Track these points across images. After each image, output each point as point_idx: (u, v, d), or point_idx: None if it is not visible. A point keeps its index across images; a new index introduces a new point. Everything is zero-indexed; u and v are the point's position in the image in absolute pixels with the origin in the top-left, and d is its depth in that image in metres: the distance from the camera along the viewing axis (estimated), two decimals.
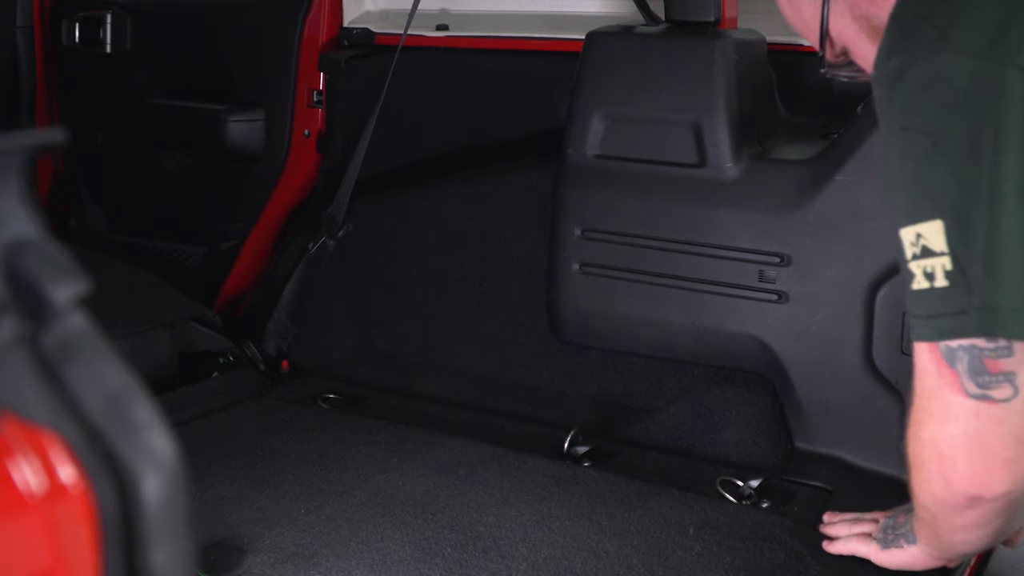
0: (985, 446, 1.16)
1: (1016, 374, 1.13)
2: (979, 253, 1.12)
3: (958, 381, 1.15)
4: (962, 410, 1.16)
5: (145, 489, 0.58)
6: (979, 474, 1.17)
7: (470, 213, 2.48)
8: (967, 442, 1.17)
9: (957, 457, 1.18)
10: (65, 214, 3.12)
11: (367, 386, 2.44)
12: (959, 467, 1.18)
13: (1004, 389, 1.13)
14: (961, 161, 1.13)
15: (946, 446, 1.19)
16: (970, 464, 1.17)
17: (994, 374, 1.13)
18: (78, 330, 0.58)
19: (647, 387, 2.23)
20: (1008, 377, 1.13)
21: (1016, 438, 1.15)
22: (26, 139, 0.60)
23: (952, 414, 1.17)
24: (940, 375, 1.16)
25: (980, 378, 1.14)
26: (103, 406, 0.58)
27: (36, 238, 0.59)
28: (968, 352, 1.14)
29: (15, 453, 0.55)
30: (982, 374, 1.13)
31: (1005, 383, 1.13)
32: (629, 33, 2.20)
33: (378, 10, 2.85)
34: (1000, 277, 1.11)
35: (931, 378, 1.17)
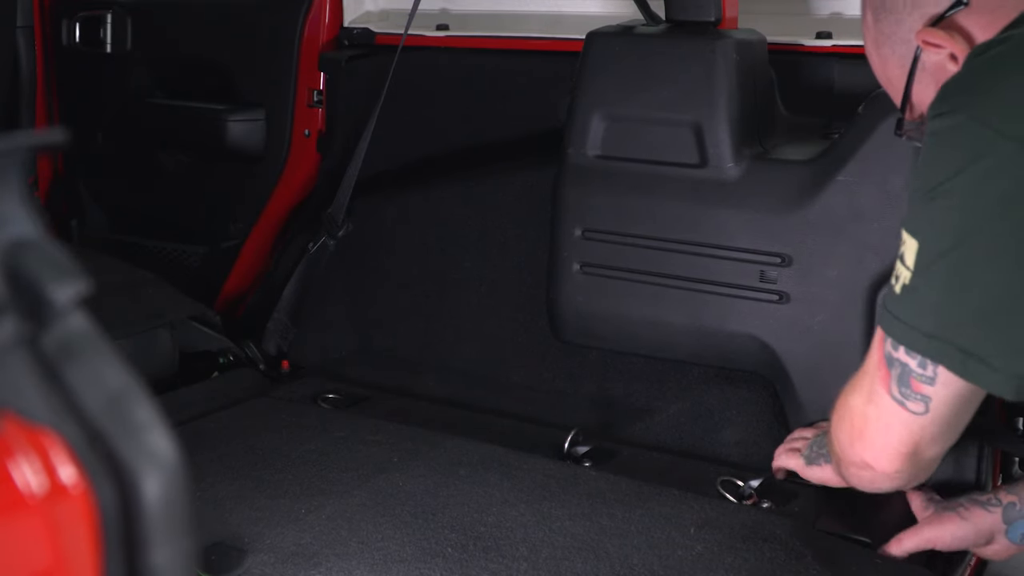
0: (889, 436, 1.33)
1: (932, 399, 1.27)
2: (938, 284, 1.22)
3: (888, 381, 1.30)
4: (882, 402, 1.32)
5: (145, 489, 0.58)
6: (876, 451, 1.36)
7: (470, 213, 2.48)
8: (876, 425, 1.34)
9: (865, 431, 1.36)
10: (65, 214, 3.12)
11: (367, 386, 2.44)
12: (864, 439, 1.37)
13: (918, 406, 1.29)
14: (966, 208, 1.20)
15: (860, 419, 1.37)
16: (872, 441, 1.36)
17: (915, 392, 1.28)
18: (78, 330, 0.58)
19: (647, 387, 2.23)
20: (924, 399, 1.28)
21: (915, 441, 1.32)
22: (26, 139, 0.60)
23: (875, 400, 1.33)
24: (879, 367, 1.32)
25: (903, 389, 1.29)
26: (103, 406, 0.58)
27: (36, 238, 0.59)
28: (902, 366, 1.28)
29: (15, 453, 0.55)
30: (906, 387, 1.28)
31: (920, 402, 1.29)
32: (629, 33, 2.20)
33: (378, 10, 2.85)
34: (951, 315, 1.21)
35: (873, 364, 1.33)
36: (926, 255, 1.21)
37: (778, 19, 2.38)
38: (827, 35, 2.26)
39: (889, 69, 1.42)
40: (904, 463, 1.35)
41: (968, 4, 1.30)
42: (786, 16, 2.40)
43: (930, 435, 1.33)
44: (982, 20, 1.29)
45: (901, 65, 1.39)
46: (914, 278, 1.22)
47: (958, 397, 1.27)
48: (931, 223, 1.21)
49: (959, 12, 1.31)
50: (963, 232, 1.18)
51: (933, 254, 1.20)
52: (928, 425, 1.30)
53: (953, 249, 1.19)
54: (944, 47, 1.31)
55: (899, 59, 1.39)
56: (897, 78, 1.41)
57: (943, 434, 1.34)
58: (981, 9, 1.30)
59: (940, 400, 1.27)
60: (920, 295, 1.23)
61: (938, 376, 1.25)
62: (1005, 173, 1.14)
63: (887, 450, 1.34)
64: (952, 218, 1.19)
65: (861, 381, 1.37)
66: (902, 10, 1.36)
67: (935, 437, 1.33)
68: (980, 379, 1.21)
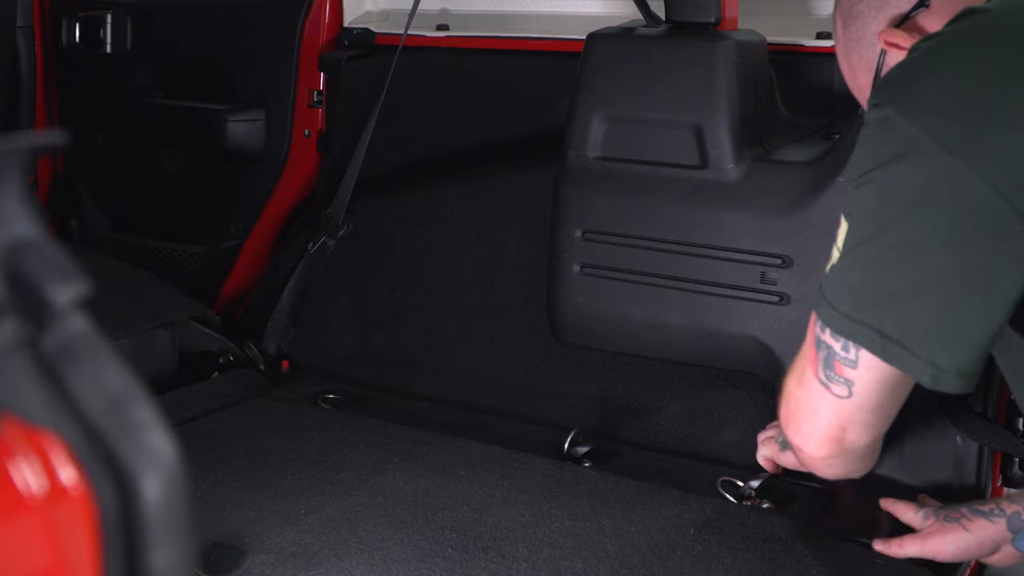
0: (815, 420, 1.35)
1: (855, 383, 1.29)
2: (859, 267, 1.24)
3: (816, 363, 1.32)
4: (811, 385, 1.34)
5: (145, 490, 0.58)
6: (804, 435, 1.38)
7: (470, 213, 2.48)
8: (805, 409, 1.36)
9: (796, 414, 1.38)
10: (65, 214, 3.12)
11: (367, 386, 2.44)
12: (794, 422, 1.39)
13: (842, 389, 1.30)
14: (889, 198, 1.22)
15: (793, 402, 1.39)
16: (800, 425, 1.38)
17: (838, 375, 1.30)
18: (78, 331, 0.58)
19: (647, 387, 2.23)
20: (847, 383, 1.30)
21: (840, 426, 1.33)
22: (26, 141, 0.60)
23: (804, 383, 1.35)
24: (809, 349, 1.34)
25: (828, 372, 1.31)
26: (103, 407, 0.58)
27: (36, 239, 0.59)
28: (828, 348, 1.29)
29: (15, 454, 0.55)
30: (830, 369, 1.30)
31: (844, 386, 1.30)
32: (630, 34, 2.19)
33: (378, 10, 2.85)
34: (873, 298, 1.23)
35: (806, 348, 1.36)
36: (851, 238, 1.24)
37: (778, 19, 2.38)
38: (827, 35, 2.26)
39: (858, 76, 1.46)
40: (831, 448, 1.36)
41: (928, 6, 1.34)
42: (786, 16, 2.40)
43: (857, 421, 1.33)
44: (942, 20, 1.31)
45: (868, 70, 1.42)
46: (840, 259, 1.25)
47: (882, 381, 1.28)
48: (857, 208, 1.24)
49: (920, 13, 1.34)
50: (882, 220, 1.21)
51: (857, 238, 1.23)
52: (853, 410, 1.31)
53: (873, 235, 1.21)
54: (905, 47, 1.34)
55: (866, 63, 1.42)
56: (865, 84, 1.44)
57: (871, 421, 1.34)
58: (940, 10, 1.33)
59: (864, 384, 1.28)
60: (844, 277, 1.25)
61: (860, 359, 1.27)
62: (921, 170, 1.17)
63: (814, 434, 1.36)
64: (873, 205, 1.22)
65: (796, 363, 1.39)
66: (867, 14, 1.40)
67: (862, 423, 1.33)
68: (899, 362, 1.22)
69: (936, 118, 1.16)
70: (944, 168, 1.14)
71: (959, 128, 1.14)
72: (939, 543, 1.65)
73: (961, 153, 1.13)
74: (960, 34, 1.23)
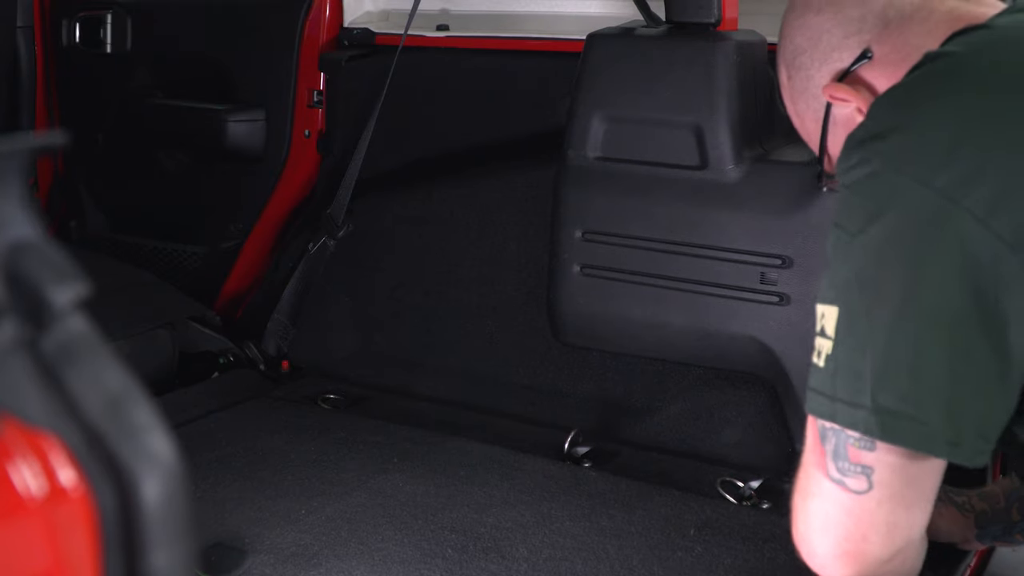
0: (831, 531, 1.16)
1: (874, 470, 1.12)
2: (859, 347, 1.11)
3: (824, 460, 1.15)
4: (822, 489, 1.16)
5: (145, 492, 0.57)
6: (821, 557, 1.18)
7: (470, 213, 2.48)
8: (818, 521, 1.17)
9: (810, 534, 1.19)
10: (65, 214, 3.12)
11: (367, 386, 2.44)
12: (810, 544, 1.19)
13: (860, 481, 1.13)
14: None
15: (802, 521, 1.20)
16: (816, 544, 1.18)
17: (853, 463, 1.12)
18: (78, 333, 0.58)
19: (647, 388, 2.23)
20: (865, 471, 1.12)
21: (861, 533, 1.14)
22: (27, 142, 0.60)
23: (814, 490, 1.17)
24: (814, 450, 1.17)
25: (841, 463, 1.13)
26: (103, 409, 0.58)
27: (36, 240, 0.59)
28: (836, 435, 1.13)
29: (15, 456, 0.55)
30: (843, 459, 1.13)
31: (861, 475, 1.12)
32: (630, 34, 2.19)
33: (378, 10, 2.85)
34: (875, 376, 1.10)
35: (809, 452, 1.19)
36: (845, 319, 1.12)
37: (778, 20, 2.36)
38: None
39: (806, 123, 1.42)
40: (848, 567, 1.16)
41: (872, 58, 1.29)
42: None
43: (879, 521, 1.14)
44: (886, 72, 1.28)
45: (815, 119, 1.38)
46: (836, 346, 1.12)
47: (905, 465, 1.12)
48: (844, 281, 1.12)
49: (863, 66, 1.30)
50: (878, 289, 1.10)
51: (851, 317, 1.11)
52: (873, 507, 1.13)
53: (870, 307, 1.10)
54: (851, 101, 1.30)
55: (813, 113, 1.38)
56: (813, 131, 1.40)
57: (895, 521, 1.14)
58: (884, 62, 1.29)
59: (884, 469, 1.11)
60: (844, 362, 1.12)
61: (877, 443, 1.11)
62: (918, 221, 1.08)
63: (834, 552, 1.16)
64: (866, 272, 1.11)
65: (801, 478, 1.20)
66: (811, 67, 1.36)
67: (885, 524, 1.14)
68: (914, 441, 1.09)
69: (927, 166, 1.08)
70: (941, 216, 1.06)
71: (952, 173, 1.07)
72: None
73: (957, 199, 1.06)
74: (935, 77, 1.17)
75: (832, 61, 1.33)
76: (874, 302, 1.10)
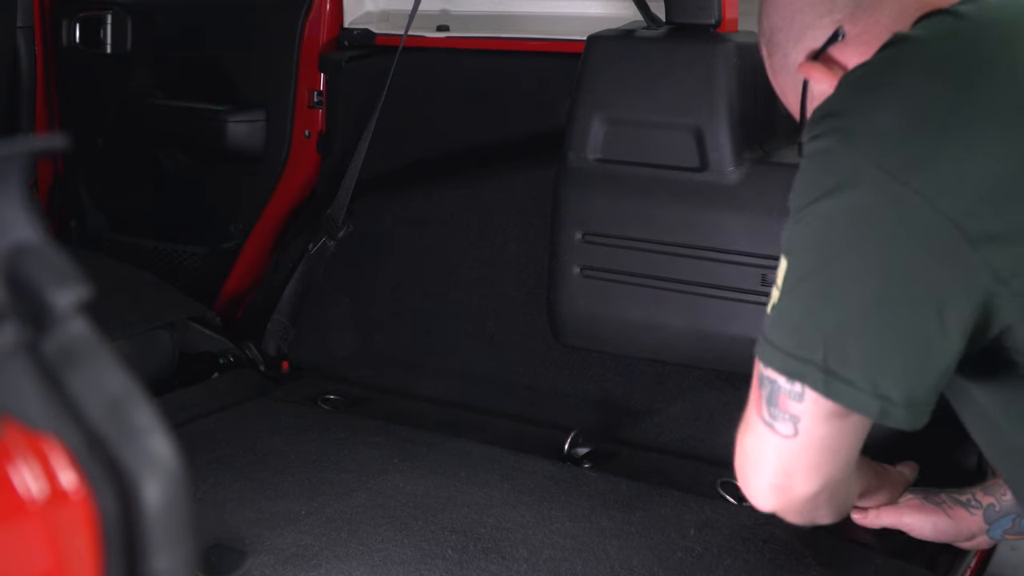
0: (759, 467, 1.27)
1: (800, 419, 1.20)
2: (801, 303, 1.19)
3: (760, 403, 1.24)
4: (756, 428, 1.26)
5: (146, 494, 0.58)
6: (750, 486, 1.29)
7: (470, 214, 2.48)
8: (751, 457, 1.28)
9: (745, 466, 1.30)
10: (65, 215, 3.12)
11: (367, 387, 2.44)
12: (743, 474, 1.30)
13: (787, 426, 1.22)
14: None
15: (740, 454, 1.31)
16: (748, 477, 1.29)
17: (782, 411, 1.21)
18: (79, 335, 0.58)
19: (648, 388, 2.23)
20: (793, 419, 1.21)
21: (786, 471, 1.25)
22: (27, 145, 0.60)
23: (750, 426, 1.27)
24: (753, 391, 1.26)
25: (772, 409, 1.22)
26: (104, 411, 0.58)
27: (37, 243, 0.59)
28: (771, 383, 1.22)
29: (16, 458, 0.55)
30: (774, 406, 1.22)
31: (789, 422, 1.21)
32: (630, 36, 2.19)
33: (378, 11, 2.85)
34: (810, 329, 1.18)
35: (752, 390, 1.27)
36: (792, 275, 1.20)
37: None
38: None
39: (787, 97, 1.46)
40: (778, 498, 1.28)
41: (844, 38, 1.32)
42: None
43: (803, 463, 1.24)
44: (858, 52, 1.30)
45: (795, 93, 1.42)
46: (781, 297, 1.21)
47: (829, 416, 1.20)
48: (797, 243, 1.20)
49: (836, 46, 1.33)
50: (825, 253, 1.17)
51: (798, 274, 1.19)
52: (798, 451, 1.22)
53: (815, 269, 1.18)
54: (823, 80, 1.33)
55: (792, 88, 1.42)
56: (794, 106, 1.44)
57: (819, 463, 1.24)
58: (856, 43, 1.31)
59: (810, 419, 1.20)
60: (786, 315, 1.21)
61: (806, 393, 1.19)
62: (866, 199, 1.14)
63: (758, 484, 1.28)
64: (813, 239, 1.18)
65: (744, 415, 1.31)
66: (787, 45, 1.40)
67: (808, 466, 1.24)
68: (844, 398, 1.16)
69: (881, 146, 1.13)
70: (890, 195, 1.11)
71: (905, 155, 1.11)
72: (918, 520, 1.69)
73: (907, 180, 1.10)
74: (897, 60, 1.21)
75: (806, 40, 1.36)
76: (820, 270, 1.17)
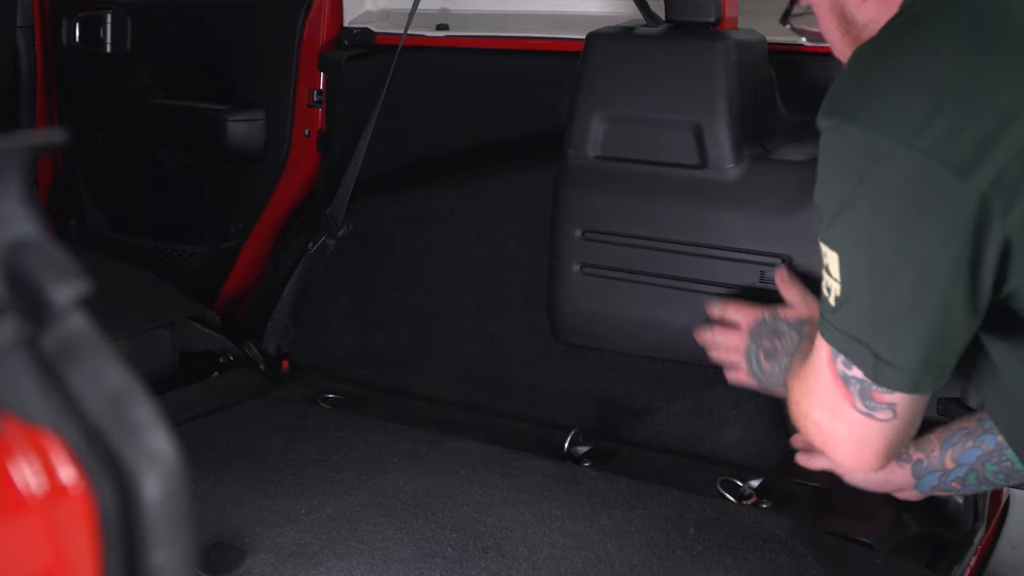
0: (865, 446, 1.37)
1: (897, 404, 1.31)
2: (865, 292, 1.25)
3: (850, 398, 1.32)
4: (850, 418, 1.34)
5: (146, 490, 0.58)
6: (856, 460, 1.40)
7: (470, 213, 2.48)
8: (850, 440, 1.37)
9: (839, 447, 1.39)
10: (65, 214, 3.12)
11: (367, 386, 2.44)
12: (840, 450, 1.40)
13: (886, 413, 1.32)
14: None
15: (831, 437, 1.39)
16: (850, 453, 1.39)
17: (879, 402, 1.31)
18: (78, 331, 0.58)
19: (647, 387, 2.23)
20: (890, 406, 1.31)
21: (890, 441, 1.36)
22: (27, 140, 0.60)
23: (841, 417, 1.35)
24: (835, 386, 1.33)
25: (867, 402, 1.32)
26: (103, 406, 0.58)
27: (37, 238, 0.59)
28: (860, 383, 1.30)
29: (15, 453, 0.55)
30: (869, 400, 1.31)
31: (887, 410, 1.31)
32: (629, 34, 2.19)
33: (378, 10, 2.85)
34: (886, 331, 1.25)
35: (826, 378, 1.35)
36: (845, 271, 1.25)
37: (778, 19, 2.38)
38: None
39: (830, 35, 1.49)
40: (885, 460, 1.40)
41: None
42: None
43: (904, 434, 1.36)
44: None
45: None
46: (844, 288, 1.26)
47: (916, 396, 1.31)
48: (842, 240, 1.25)
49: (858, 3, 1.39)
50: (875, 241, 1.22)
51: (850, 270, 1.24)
52: (900, 426, 1.34)
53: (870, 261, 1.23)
54: None
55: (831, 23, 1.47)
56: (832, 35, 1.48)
57: (914, 425, 1.38)
58: None
59: (906, 401, 1.31)
60: (853, 305, 1.26)
61: None
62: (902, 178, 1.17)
63: (866, 458, 1.38)
64: (861, 228, 1.23)
65: (820, 398, 1.38)
66: None
67: (908, 432, 1.37)
68: (923, 388, 1.27)
69: (908, 127, 1.16)
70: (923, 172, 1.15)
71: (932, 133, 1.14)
72: None
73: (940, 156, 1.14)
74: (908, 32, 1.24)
75: None
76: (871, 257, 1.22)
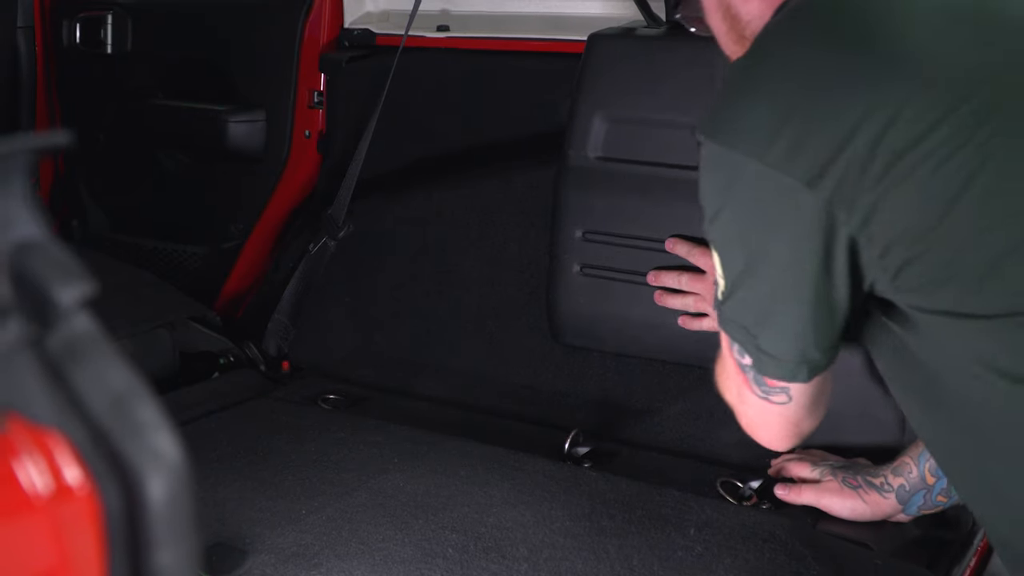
0: (770, 427, 1.43)
1: (789, 389, 1.35)
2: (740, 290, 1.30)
3: (748, 384, 1.37)
4: (752, 402, 1.40)
5: (150, 490, 0.58)
6: (765, 439, 1.47)
7: (470, 213, 2.48)
8: (757, 422, 1.44)
9: (750, 425, 1.46)
10: (66, 214, 3.12)
11: (367, 386, 2.44)
12: (752, 429, 1.47)
13: (780, 396, 1.37)
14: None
15: (743, 418, 1.46)
16: (758, 432, 1.46)
17: (772, 387, 1.35)
18: (83, 331, 0.59)
19: (648, 388, 2.23)
20: (783, 390, 1.35)
21: (791, 423, 1.41)
22: (30, 141, 0.60)
23: (746, 401, 1.41)
24: (737, 372, 1.39)
25: (762, 387, 1.36)
26: (108, 407, 0.58)
27: (41, 239, 0.59)
28: (752, 370, 1.35)
29: (20, 454, 0.55)
30: (763, 385, 1.36)
31: (781, 393, 1.36)
32: (631, 35, 2.20)
33: (379, 11, 2.85)
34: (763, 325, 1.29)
35: (730, 364, 1.40)
36: (727, 269, 1.31)
37: None
38: None
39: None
40: (794, 441, 1.46)
41: None
42: None
43: (804, 414, 1.40)
44: None
45: None
46: (726, 284, 1.32)
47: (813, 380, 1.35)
48: (720, 242, 1.31)
49: None
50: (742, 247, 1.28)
51: (733, 269, 1.30)
52: (797, 409, 1.38)
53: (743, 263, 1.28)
54: None
55: None
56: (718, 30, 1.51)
57: (817, 405, 1.41)
58: None
59: (798, 387, 1.35)
60: (736, 298, 1.31)
61: None
62: (758, 190, 1.22)
63: (772, 438, 1.46)
64: (730, 236, 1.29)
65: (728, 380, 1.44)
66: None
67: (809, 413, 1.41)
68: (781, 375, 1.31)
69: (758, 141, 1.20)
70: (774, 186, 1.19)
71: (779, 147, 1.18)
72: (836, 503, 1.82)
73: (788, 170, 1.18)
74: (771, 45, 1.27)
75: None
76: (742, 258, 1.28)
